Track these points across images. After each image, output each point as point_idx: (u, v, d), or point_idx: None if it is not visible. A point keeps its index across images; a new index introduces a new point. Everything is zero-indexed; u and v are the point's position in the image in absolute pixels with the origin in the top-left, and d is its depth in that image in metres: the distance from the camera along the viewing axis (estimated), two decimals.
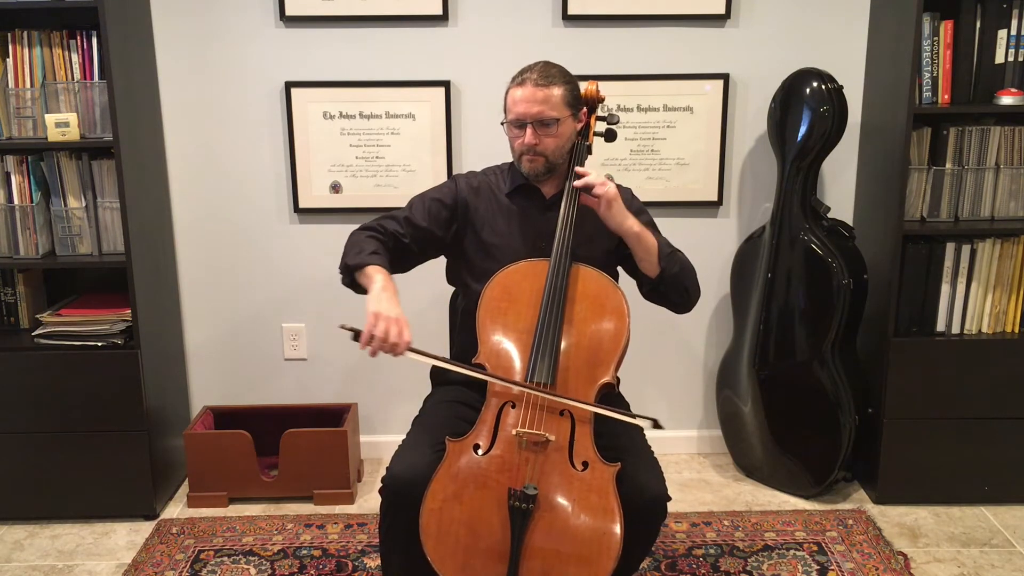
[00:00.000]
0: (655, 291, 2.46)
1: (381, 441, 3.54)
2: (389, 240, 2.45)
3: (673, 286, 2.43)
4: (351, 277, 2.39)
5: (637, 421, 2.24)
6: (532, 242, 2.45)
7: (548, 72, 2.35)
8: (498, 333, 2.32)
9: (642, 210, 2.52)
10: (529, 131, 2.34)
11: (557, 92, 2.34)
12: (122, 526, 3.14)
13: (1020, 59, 3.00)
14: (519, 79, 2.37)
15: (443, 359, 2.29)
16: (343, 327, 2.20)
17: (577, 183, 2.35)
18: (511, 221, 2.49)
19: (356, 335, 2.18)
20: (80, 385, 3.05)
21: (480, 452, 2.21)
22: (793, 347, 3.18)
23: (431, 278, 2.76)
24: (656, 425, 2.21)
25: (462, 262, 2.55)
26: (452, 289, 2.69)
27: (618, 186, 2.58)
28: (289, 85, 3.26)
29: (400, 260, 2.48)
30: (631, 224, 2.35)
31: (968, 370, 3.10)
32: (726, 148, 3.35)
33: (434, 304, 3.15)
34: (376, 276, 2.30)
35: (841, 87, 3.09)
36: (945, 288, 3.10)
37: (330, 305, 3.46)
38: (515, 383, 2.25)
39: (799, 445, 3.24)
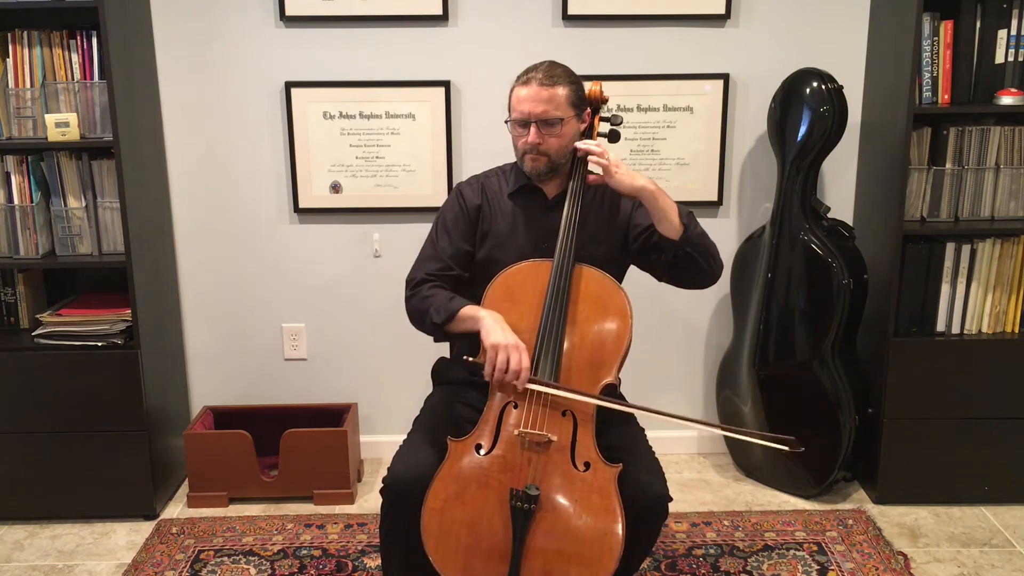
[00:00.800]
0: (679, 261, 2.37)
1: (381, 441, 3.54)
2: (446, 280, 2.43)
3: (698, 248, 2.35)
4: (445, 334, 2.37)
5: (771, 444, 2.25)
6: (535, 242, 2.45)
7: (553, 72, 2.35)
8: None
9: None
10: (533, 130, 2.34)
11: (562, 92, 2.34)
12: (122, 526, 3.14)
13: (1020, 59, 3.00)
14: (524, 78, 2.37)
15: (572, 389, 2.23)
16: (466, 360, 2.24)
17: (580, 144, 2.34)
18: (514, 221, 2.48)
19: (478, 369, 2.21)
20: (80, 385, 3.05)
21: (482, 452, 2.21)
22: (793, 347, 3.18)
23: None
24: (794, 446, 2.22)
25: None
26: None
27: None
28: (289, 85, 3.26)
29: (461, 291, 2.44)
30: (644, 183, 2.28)
31: (968, 370, 3.11)
32: (726, 148, 3.35)
33: None
34: (478, 313, 2.28)
35: (841, 87, 3.09)
36: (945, 288, 3.10)
37: (330, 305, 3.47)
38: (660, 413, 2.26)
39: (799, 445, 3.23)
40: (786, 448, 2.21)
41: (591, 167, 2.37)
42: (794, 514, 3.16)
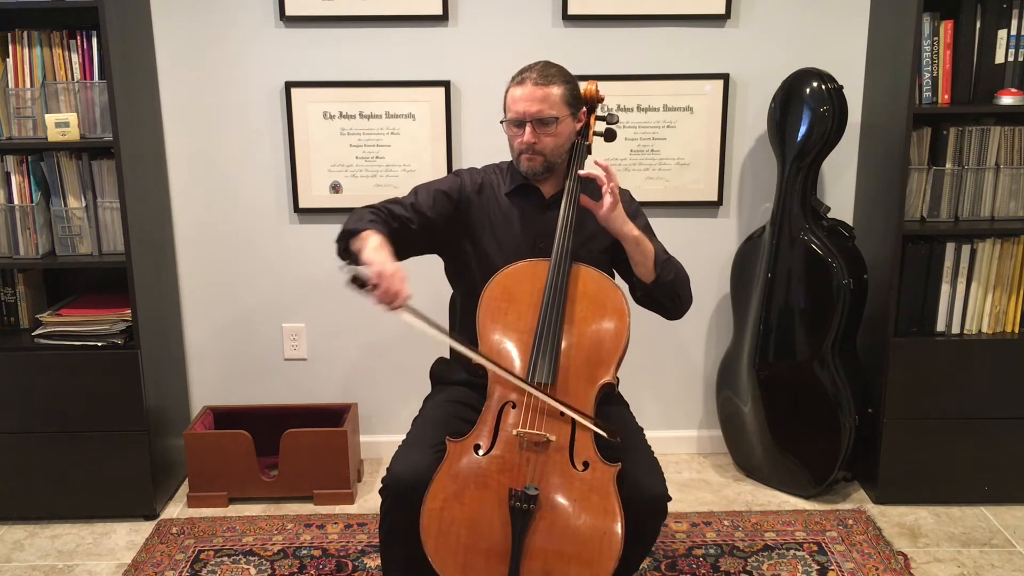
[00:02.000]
0: (648, 296, 2.46)
1: (381, 441, 3.54)
2: (393, 222, 2.40)
3: (666, 293, 2.43)
4: (346, 243, 2.32)
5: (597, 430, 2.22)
6: (532, 242, 2.45)
7: (548, 71, 2.36)
8: (498, 333, 2.32)
9: (639, 212, 2.52)
10: (528, 130, 2.34)
11: (556, 91, 2.34)
12: (122, 526, 3.14)
13: (1020, 59, 3.00)
14: (519, 78, 2.37)
15: (441, 328, 2.21)
16: (343, 266, 2.17)
17: (583, 172, 2.34)
18: (511, 221, 2.48)
19: (361, 280, 2.10)
20: (80, 385, 3.05)
21: (481, 452, 2.21)
22: (793, 347, 3.18)
23: (431, 278, 2.76)
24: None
25: (461, 262, 2.55)
26: (451, 290, 2.69)
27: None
28: (289, 85, 3.26)
29: (399, 246, 2.36)
30: (630, 229, 2.35)
31: (968, 370, 3.10)
32: (726, 148, 3.35)
33: (434, 304, 3.15)
34: (371, 237, 2.24)
35: (841, 87, 3.09)
36: (945, 288, 3.10)
37: (330, 305, 3.46)
38: (505, 369, 2.23)
39: (799, 445, 3.24)
40: (604, 434, 2.21)
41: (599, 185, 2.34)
42: (794, 514, 3.15)
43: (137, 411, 3.08)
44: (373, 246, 2.21)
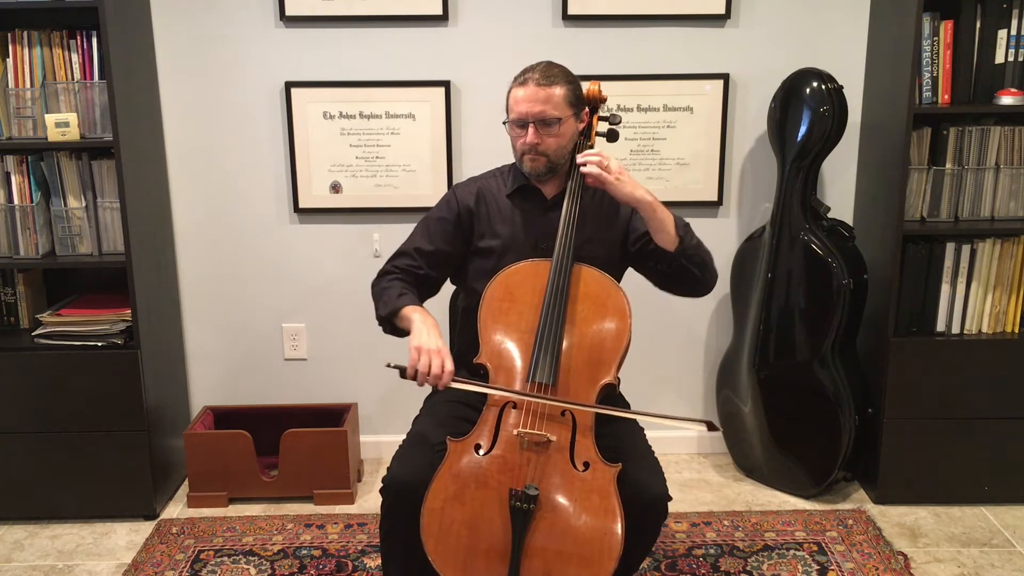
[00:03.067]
0: (674, 268, 2.40)
1: (381, 441, 3.54)
2: (408, 276, 2.49)
3: (693, 259, 2.38)
4: (391, 326, 2.44)
5: (687, 425, 2.28)
6: (534, 242, 2.45)
7: (550, 72, 2.35)
8: (500, 333, 2.32)
9: None
10: (531, 130, 2.34)
11: (559, 92, 2.34)
12: (122, 526, 3.14)
13: (1020, 59, 3.00)
14: (521, 78, 2.37)
15: (490, 386, 2.27)
16: (389, 365, 2.26)
17: (580, 157, 2.34)
18: (512, 222, 2.49)
19: (402, 372, 2.24)
20: (80, 385, 3.05)
21: (481, 452, 2.21)
22: (793, 347, 3.18)
23: None
24: (712, 427, 2.24)
25: (464, 262, 2.55)
26: (452, 289, 2.69)
27: None
28: (289, 85, 3.26)
29: (425, 289, 2.53)
30: (643, 193, 2.31)
31: (968, 370, 3.10)
32: (726, 148, 3.35)
33: (434, 304, 3.15)
34: (413, 315, 2.34)
35: (841, 87, 3.09)
36: (945, 288, 3.10)
37: (330, 305, 3.46)
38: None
39: (799, 445, 3.24)
40: (703, 427, 2.24)
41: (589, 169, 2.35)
42: (794, 514, 3.16)
43: (137, 411, 3.08)
44: (416, 325, 2.30)
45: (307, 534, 3.05)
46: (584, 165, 2.31)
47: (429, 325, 2.30)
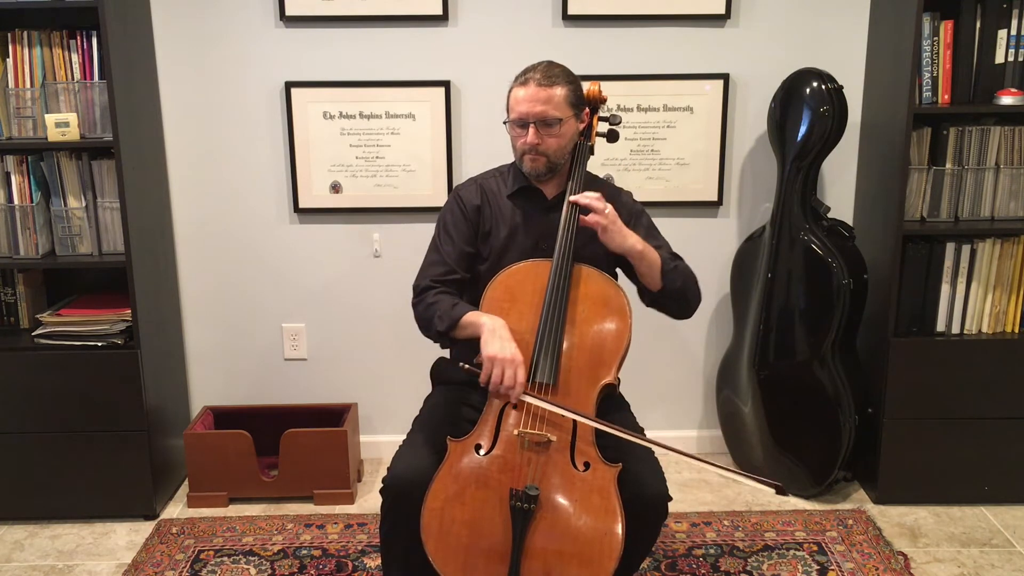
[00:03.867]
0: (655, 302, 2.47)
1: (381, 441, 3.54)
2: (449, 285, 2.44)
3: (673, 299, 2.44)
4: (450, 340, 2.39)
5: (754, 484, 2.22)
6: (534, 243, 2.45)
7: (551, 72, 2.36)
8: None
9: (642, 212, 2.52)
10: (531, 131, 2.34)
11: (560, 92, 2.34)
12: (122, 526, 3.14)
13: (1020, 59, 3.00)
14: (522, 78, 2.37)
15: (568, 408, 2.21)
16: (463, 367, 2.24)
17: (572, 198, 2.35)
18: (513, 222, 2.49)
19: (475, 376, 2.23)
20: (80, 385, 3.05)
21: (482, 452, 2.21)
22: (793, 347, 3.18)
23: None
24: (781, 491, 2.20)
25: None
26: None
27: (618, 189, 2.58)
28: (289, 85, 3.26)
29: (463, 294, 2.48)
30: (633, 243, 2.34)
31: (968, 370, 3.11)
32: (726, 148, 3.35)
33: None
34: (479, 320, 2.28)
35: (841, 87, 3.09)
36: (945, 288, 3.10)
37: (330, 305, 3.47)
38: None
39: (799, 445, 3.24)
40: (772, 490, 2.19)
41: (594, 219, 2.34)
42: (794, 514, 3.16)
43: (137, 411, 3.08)
44: (488, 329, 2.25)
45: (307, 534, 3.05)
46: (582, 206, 2.31)
47: (502, 329, 2.25)
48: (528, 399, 2.21)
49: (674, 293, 2.42)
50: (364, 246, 3.41)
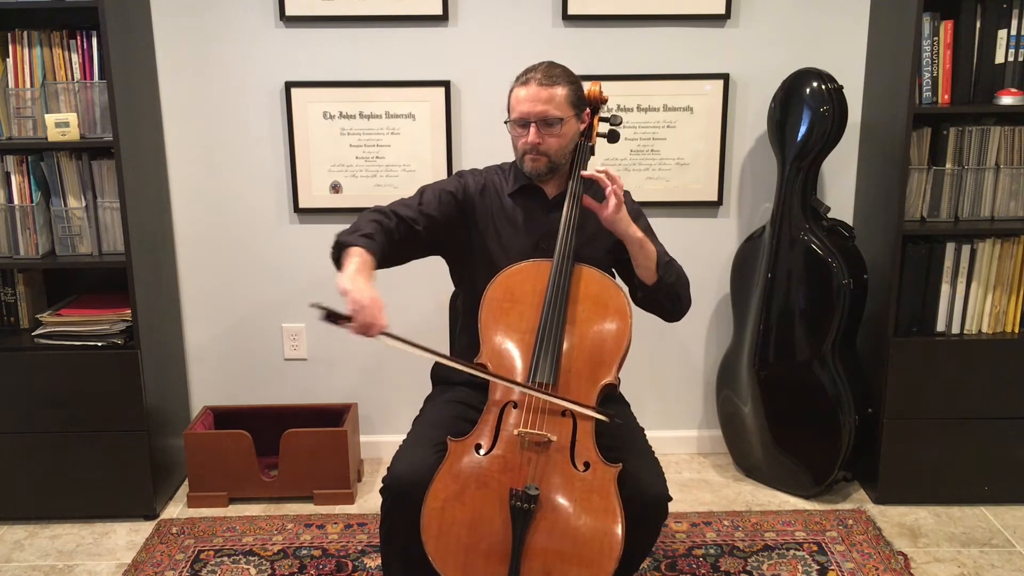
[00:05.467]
0: (648, 298, 2.46)
1: (381, 441, 3.54)
2: (400, 225, 2.38)
3: (667, 294, 2.44)
4: (338, 253, 2.30)
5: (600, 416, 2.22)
6: (535, 242, 2.45)
7: (552, 72, 2.36)
8: (500, 333, 2.32)
9: (640, 213, 2.52)
10: (532, 130, 2.34)
11: (561, 92, 2.34)
12: (122, 526, 3.14)
13: (1020, 59, 3.00)
14: (523, 78, 2.37)
15: (422, 347, 2.16)
16: (313, 305, 2.10)
17: (586, 173, 2.34)
18: (514, 221, 2.49)
19: (328, 315, 2.08)
20: (80, 385, 3.05)
21: (482, 452, 2.21)
22: (793, 347, 3.18)
23: (431, 278, 2.77)
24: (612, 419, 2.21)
25: (465, 262, 2.55)
26: (452, 289, 2.69)
27: None
28: (289, 85, 3.26)
29: (403, 248, 2.40)
30: (634, 231, 2.34)
31: (968, 370, 3.11)
32: (726, 148, 3.35)
33: (434, 304, 3.15)
34: (353, 259, 2.20)
35: (841, 87, 3.09)
36: (945, 288, 3.10)
37: (330, 305, 3.45)
38: (498, 376, 2.23)
39: (799, 445, 3.24)
40: (604, 418, 2.20)
41: (606, 193, 2.32)
42: (794, 514, 3.16)
43: (137, 411, 3.08)
44: (350, 272, 2.15)
45: (307, 534, 3.05)
46: (604, 182, 2.29)
47: (364, 274, 2.16)
48: (388, 340, 2.12)
49: (668, 288, 2.42)
50: None
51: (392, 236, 2.35)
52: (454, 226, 2.49)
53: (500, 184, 2.54)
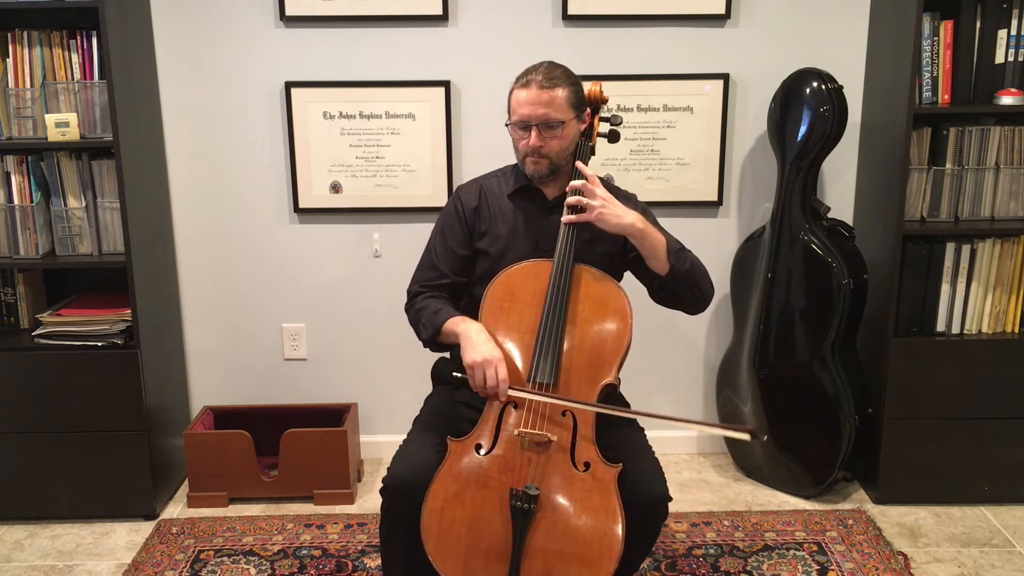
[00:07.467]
0: (666, 290, 2.40)
1: (381, 441, 3.54)
2: (443, 290, 2.46)
3: (684, 283, 2.37)
4: (438, 346, 2.40)
5: (732, 433, 2.27)
6: (535, 243, 2.44)
7: (552, 73, 2.34)
8: (500, 333, 2.32)
9: (646, 211, 2.51)
10: (534, 133, 2.34)
11: (561, 94, 2.34)
12: (122, 526, 3.14)
13: (1020, 59, 3.00)
14: (523, 80, 2.36)
15: (560, 398, 2.23)
16: (455, 376, 2.26)
17: (570, 200, 2.34)
18: (514, 222, 2.48)
19: (464, 383, 2.25)
20: (80, 385, 3.05)
21: (482, 452, 2.21)
22: (793, 347, 3.18)
23: None
24: (754, 435, 2.24)
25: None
26: None
27: (623, 192, 2.56)
28: (289, 85, 3.26)
29: (456, 297, 2.50)
30: (632, 221, 2.29)
31: (968, 370, 3.11)
32: (726, 148, 3.35)
33: None
34: (457, 328, 2.30)
35: (841, 87, 3.09)
36: (945, 288, 3.10)
37: (330, 305, 3.47)
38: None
39: (799, 445, 3.24)
40: (747, 436, 2.22)
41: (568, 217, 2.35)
42: (794, 514, 3.16)
43: (137, 411, 3.08)
44: (465, 337, 2.26)
45: (307, 534, 3.05)
46: (580, 202, 2.31)
47: (479, 334, 2.26)
48: (516, 393, 2.20)
49: (684, 275, 2.35)
50: (364, 246, 3.41)
51: (447, 298, 2.46)
52: (470, 248, 2.51)
53: (499, 186, 2.54)
